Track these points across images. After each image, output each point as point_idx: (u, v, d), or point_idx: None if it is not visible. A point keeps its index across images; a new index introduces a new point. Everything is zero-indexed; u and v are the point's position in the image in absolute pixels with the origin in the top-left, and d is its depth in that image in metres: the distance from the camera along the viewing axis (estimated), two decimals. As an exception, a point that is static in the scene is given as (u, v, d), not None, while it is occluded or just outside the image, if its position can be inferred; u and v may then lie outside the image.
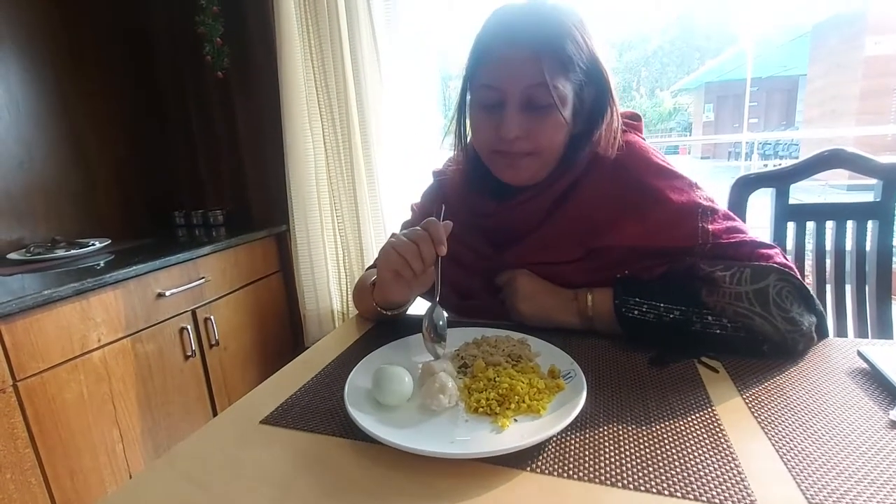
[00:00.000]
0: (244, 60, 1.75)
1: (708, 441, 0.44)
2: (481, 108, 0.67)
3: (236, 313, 1.65)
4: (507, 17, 0.65)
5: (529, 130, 0.64)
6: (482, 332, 0.64)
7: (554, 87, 0.62)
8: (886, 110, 7.53)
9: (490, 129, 0.66)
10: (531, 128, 0.64)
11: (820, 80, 9.45)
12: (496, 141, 0.66)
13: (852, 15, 8.08)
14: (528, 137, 0.64)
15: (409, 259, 0.61)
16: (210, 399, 1.52)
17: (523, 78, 0.62)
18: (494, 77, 0.64)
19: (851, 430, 0.45)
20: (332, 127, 1.70)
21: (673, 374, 0.56)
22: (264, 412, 0.52)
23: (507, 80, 0.63)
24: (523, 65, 0.62)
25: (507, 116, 0.63)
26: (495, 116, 0.65)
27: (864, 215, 0.99)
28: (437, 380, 0.48)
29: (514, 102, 0.63)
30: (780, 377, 0.55)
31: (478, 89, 0.67)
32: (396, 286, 0.66)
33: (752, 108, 15.70)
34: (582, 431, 0.46)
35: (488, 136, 0.67)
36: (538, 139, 0.65)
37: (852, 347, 0.60)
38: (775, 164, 10.80)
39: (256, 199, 1.92)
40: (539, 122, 0.64)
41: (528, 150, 0.66)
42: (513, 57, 0.62)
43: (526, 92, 0.63)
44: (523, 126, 0.64)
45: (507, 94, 0.63)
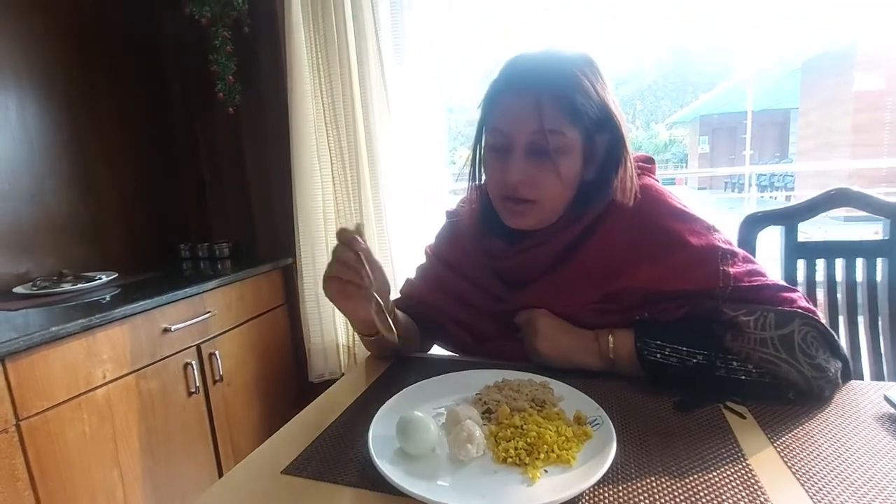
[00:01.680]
0: (255, 97, 1.79)
1: (745, 496, 0.43)
2: (492, 153, 0.70)
3: (241, 348, 1.63)
4: (518, 65, 0.68)
5: (533, 177, 0.65)
6: (503, 375, 0.64)
7: (558, 134, 0.63)
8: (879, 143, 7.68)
9: (498, 174, 0.68)
10: (534, 174, 0.65)
11: (812, 114, 9.68)
12: (503, 186, 0.68)
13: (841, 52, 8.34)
14: (530, 184, 0.66)
15: (340, 273, 0.62)
16: (213, 437, 1.49)
17: (527, 125, 0.64)
18: (502, 123, 0.66)
19: (888, 481, 0.44)
20: (341, 161, 1.73)
21: (699, 419, 0.56)
22: (285, 462, 0.51)
23: (512, 126, 0.65)
24: (527, 113, 0.64)
25: (512, 162, 0.65)
26: (502, 161, 0.67)
27: (873, 253, 1.00)
28: (465, 428, 0.48)
29: (520, 148, 0.65)
30: (809, 423, 0.54)
31: (489, 133, 0.70)
32: (351, 304, 0.67)
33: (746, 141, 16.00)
34: (614, 484, 0.45)
35: (497, 180, 0.69)
36: (539, 187, 0.66)
37: (878, 391, 0.59)
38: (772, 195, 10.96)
39: (263, 232, 1.93)
40: (542, 169, 0.65)
41: (530, 198, 0.67)
42: (519, 105, 0.65)
43: (530, 139, 0.64)
44: (526, 172, 0.65)
45: (512, 139, 0.65)
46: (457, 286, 0.80)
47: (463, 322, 0.79)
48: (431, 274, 0.85)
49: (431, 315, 0.83)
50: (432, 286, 0.84)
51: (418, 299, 0.85)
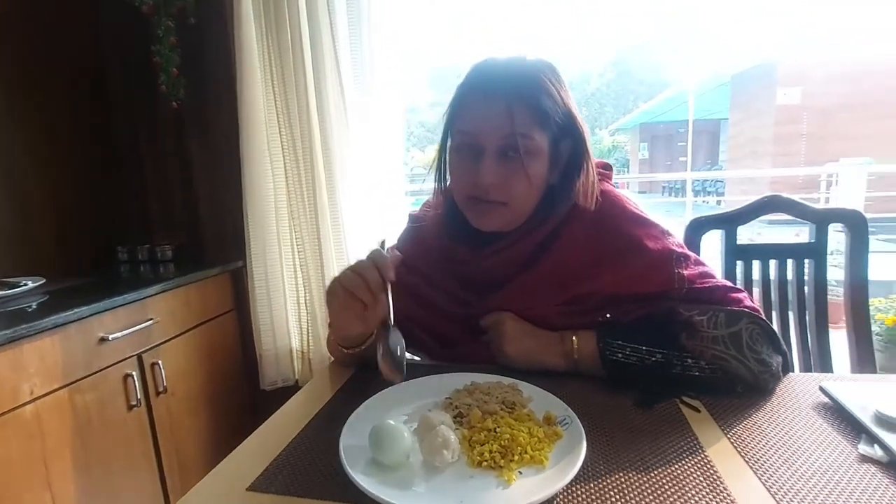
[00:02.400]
0: (201, 92, 1.70)
1: (706, 486, 0.45)
2: (459, 155, 0.70)
3: (186, 356, 1.54)
4: (486, 70, 0.68)
5: (504, 178, 0.66)
6: (471, 378, 0.64)
7: (528, 138, 0.65)
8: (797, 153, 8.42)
9: (467, 175, 0.68)
10: (505, 176, 0.66)
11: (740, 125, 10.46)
12: (472, 187, 0.68)
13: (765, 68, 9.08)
14: (502, 186, 0.66)
15: (356, 290, 0.60)
16: (156, 453, 1.39)
17: (498, 128, 0.65)
18: (472, 125, 0.67)
19: (829, 465, 0.48)
20: (295, 161, 1.67)
21: (659, 415, 0.58)
22: (250, 477, 0.49)
23: (483, 128, 0.66)
24: (498, 116, 0.64)
25: (484, 164, 0.66)
26: (472, 163, 0.67)
27: (802, 254, 1.09)
28: (440, 434, 0.47)
29: (491, 151, 0.66)
30: (757, 414, 0.58)
31: (456, 135, 0.70)
32: (349, 320, 0.65)
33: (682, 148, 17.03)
34: (586, 482, 0.46)
35: (465, 181, 0.69)
36: (510, 189, 0.67)
37: (814, 383, 0.64)
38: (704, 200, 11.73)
39: (210, 234, 1.84)
40: (512, 171, 0.66)
41: (501, 200, 0.68)
42: (488, 108, 0.65)
43: (501, 142, 0.65)
44: (498, 174, 0.66)
45: (483, 141, 0.66)
46: (422, 291, 0.79)
47: (429, 327, 0.79)
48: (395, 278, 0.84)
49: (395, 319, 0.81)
50: (397, 291, 0.83)
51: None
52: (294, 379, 1.83)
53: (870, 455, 0.49)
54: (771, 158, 8.73)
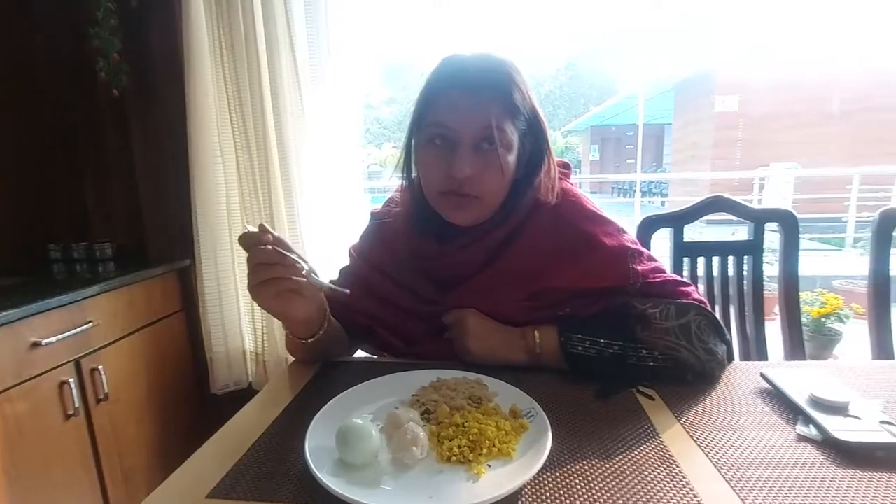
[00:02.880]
0: (145, 80, 1.61)
1: (662, 469, 0.47)
2: (432, 148, 0.68)
3: (130, 361, 1.45)
4: (459, 64, 0.68)
5: (477, 172, 0.66)
6: (437, 375, 0.64)
7: (503, 131, 0.65)
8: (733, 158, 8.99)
9: (440, 168, 0.67)
10: (479, 169, 0.66)
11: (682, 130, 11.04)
12: (446, 180, 0.67)
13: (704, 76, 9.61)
14: (475, 179, 0.66)
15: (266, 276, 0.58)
16: (97, 464, 1.31)
17: (475, 121, 0.65)
18: (448, 117, 0.66)
19: (770, 445, 0.52)
20: (248, 154, 1.60)
21: (617, 404, 0.61)
22: (209, 484, 0.46)
23: (460, 121, 0.65)
24: (476, 109, 0.64)
25: (460, 156, 0.65)
26: (446, 156, 0.66)
27: (741, 251, 1.16)
28: (409, 431, 0.47)
29: (467, 143, 0.65)
30: (705, 400, 0.62)
31: (429, 127, 0.68)
32: (287, 306, 0.62)
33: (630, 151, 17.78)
34: (552, 471, 0.47)
35: (438, 174, 0.68)
36: (484, 182, 0.67)
37: (755, 370, 0.69)
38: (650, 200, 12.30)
39: (155, 230, 1.74)
40: (486, 164, 0.66)
41: (474, 193, 0.67)
42: (466, 100, 0.65)
43: (477, 134, 0.65)
44: (474, 167, 0.65)
45: (459, 134, 0.65)
46: (385, 289, 0.79)
47: (392, 325, 0.78)
48: (357, 276, 0.83)
49: (357, 319, 0.80)
50: (359, 289, 0.81)
51: (344, 302, 0.82)
52: (248, 382, 1.76)
53: (806, 435, 0.53)
54: (710, 162, 9.27)
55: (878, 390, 0.64)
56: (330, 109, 1.65)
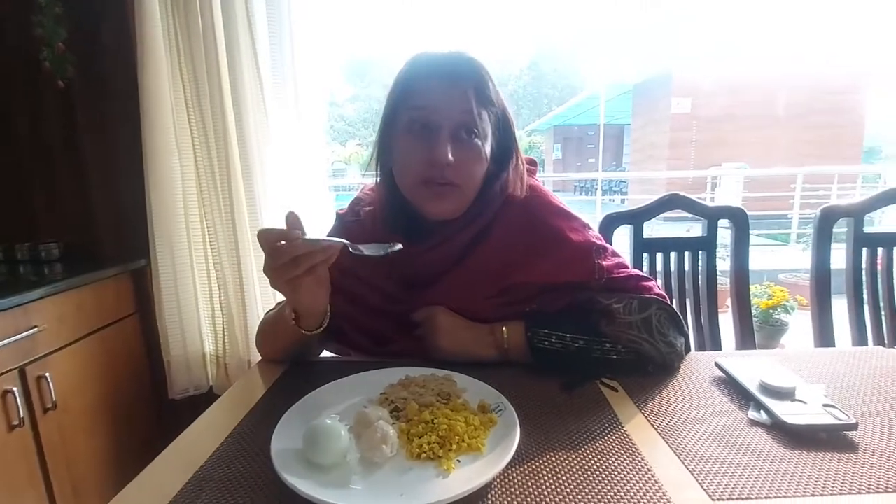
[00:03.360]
0: (94, 71, 1.52)
1: (626, 457, 0.49)
2: (412, 135, 0.68)
3: (80, 367, 1.37)
4: (435, 57, 0.69)
5: (457, 159, 0.66)
6: (405, 372, 0.64)
7: (481, 119, 0.67)
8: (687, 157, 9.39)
9: (420, 155, 0.67)
10: (459, 157, 0.66)
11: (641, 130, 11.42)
12: (427, 168, 0.66)
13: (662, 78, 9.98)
14: (455, 167, 0.66)
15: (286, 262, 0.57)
16: (45, 477, 1.23)
17: (457, 107, 0.65)
18: (430, 101, 0.66)
19: (724, 430, 0.54)
20: (206, 150, 1.54)
21: (583, 396, 0.62)
22: (170, 491, 0.45)
23: (441, 105, 0.66)
24: (456, 95, 0.66)
25: (441, 142, 0.65)
26: (427, 143, 0.66)
27: (697, 247, 1.22)
28: (378, 429, 0.47)
29: (447, 129, 0.66)
30: (665, 390, 0.64)
31: (407, 113, 0.68)
32: (303, 293, 0.63)
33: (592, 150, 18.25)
34: (521, 465, 0.48)
35: (418, 162, 0.67)
36: (464, 169, 0.67)
37: (710, 359, 0.73)
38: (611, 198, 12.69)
39: (106, 229, 1.65)
40: (466, 152, 0.67)
41: (454, 181, 0.67)
42: (447, 87, 0.66)
43: (458, 120, 0.66)
44: (456, 153, 0.66)
45: (441, 119, 0.65)
46: (353, 289, 0.78)
47: (361, 324, 0.78)
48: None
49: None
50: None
51: None
52: (208, 386, 1.70)
53: (756, 419, 0.56)
54: (667, 161, 9.65)
55: (821, 376, 0.68)
56: (293, 106, 1.61)
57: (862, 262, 1.19)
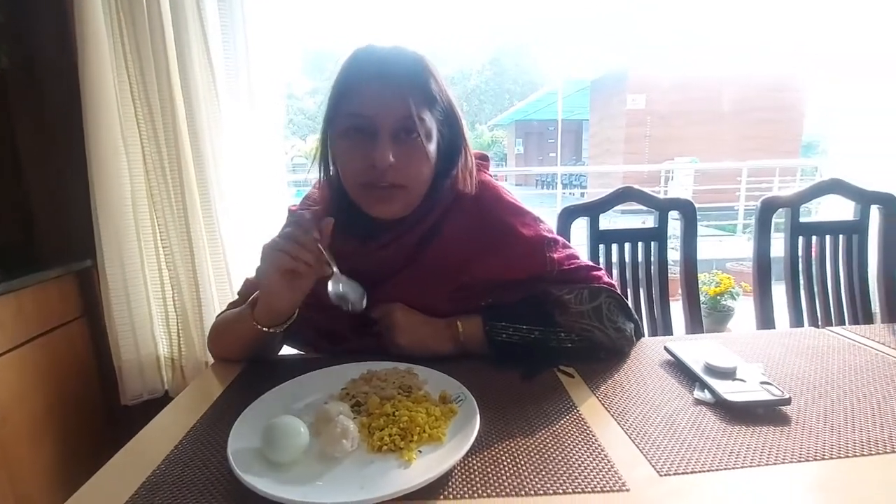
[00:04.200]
0: (29, 59, 1.43)
1: (581, 439, 0.51)
2: (348, 140, 0.67)
3: (21, 376, 1.29)
4: (374, 55, 0.67)
5: (399, 161, 0.64)
6: (367, 367, 0.64)
7: (422, 120, 0.65)
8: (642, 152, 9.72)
9: (360, 160, 0.65)
10: (401, 158, 0.65)
11: (597, 126, 11.72)
12: (367, 171, 0.65)
13: (617, 75, 10.26)
14: (398, 168, 0.65)
15: (299, 253, 0.61)
16: (-19, 494, 1.16)
17: (394, 110, 0.64)
18: (366, 107, 0.64)
19: (672, 409, 0.57)
20: (156, 143, 1.46)
21: (541, 384, 0.65)
22: (121, 497, 0.43)
23: (378, 110, 0.64)
24: (394, 98, 0.64)
25: (381, 145, 0.63)
26: (365, 147, 0.64)
27: (649, 238, 1.27)
28: (339, 424, 0.47)
29: (386, 132, 0.64)
30: (617, 375, 0.67)
31: (344, 118, 0.66)
32: (287, 290, 0.64)
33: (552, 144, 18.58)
34: (480, 452, 0.49)
35: (359, 166, 0.66)
36: (408, 170, 0.66)
37: (659, 344, 0.76)
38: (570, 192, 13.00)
39: (46, 228, 1.56)
40: (408, 153, 0.65)
41: (398, 182, 0.66)
42: (383, 90, 0.64)
43: (396, 123, 0.64)
44: (396, 155, 0.64)
45: (378, 123, 0.64)
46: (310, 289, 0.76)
47: (317, 323, 0.77)
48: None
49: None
50: None
51: None
52: (163, 390, 1.64)
53: (701, 398, 0.59)
54: (623, 156, 9.96)
55: (759, 356, 0.73)
56: (247, 97, 1.55)
57: (798, 250, 1.27)
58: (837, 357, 0.72)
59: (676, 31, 13.60)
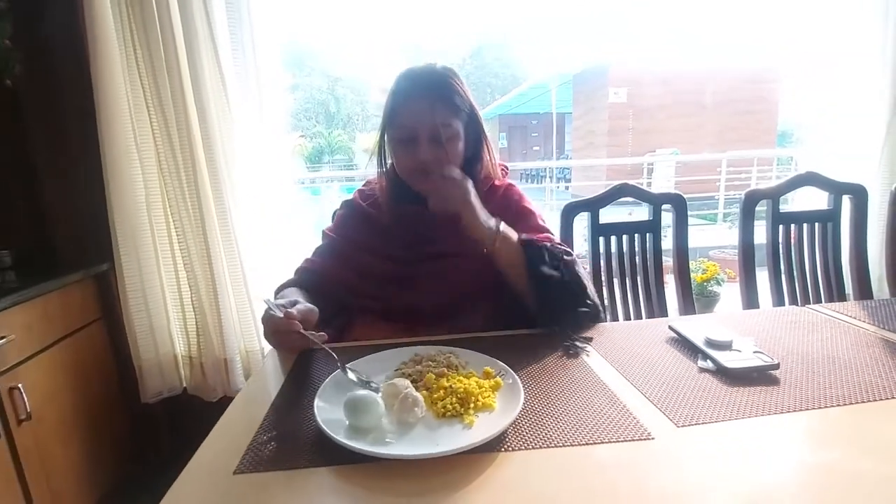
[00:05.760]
0: (43, 67, 1.46)
1: (607, 401, 0.61)
2: (400, 144, 0.90)
3: (51, 376, 1.34)
4: (411, 77, 0.91)
5: (435, 156, 0.87)
6: (413, 351, 0.72)
7: (448, 126, 0.88)
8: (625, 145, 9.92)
9: (408, 158, 0.89)
10: (436, 154, 0.87)
11: (580, 119, 11.89)
12: (413, 164, 0.88)
13: (599, 69, 10.43)
14: (435, 161, 0.86)
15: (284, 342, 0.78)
16: (23, 489, 1.21)
17: (427, 120, 0.86)
18: (407, 119, 0.88)
19: (681, 376, 0.67)
20: (170, 145, 1.49)
21: (563, 357, 0.74)
22: (232, 462, 0.51)
23: (415, 121, 0.87)
24: (425, 112, 0.87)
25: (420, 147, 0.87)
26: (411, 149, 0.88)
27: (644, 230, 1.37)
28: (409, 396, 0.55)
29: (424, 137, 0.87)
30: (630, 349, 0.77)
31: (395, 129, 0.90)
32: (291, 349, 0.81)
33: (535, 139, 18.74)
34: (526, 414, 0.58)
35: (407, 162, 0.90)
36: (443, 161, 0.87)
37: (664, 324, 0.86)
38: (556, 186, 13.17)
39: (64, 234, 1.60)
40: (441, 149, 0.87)
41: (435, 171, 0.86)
42: (417, 106, 0.88)
43: (430, 131, 0.87)
44: (431, 153, 0.87)
45: (417, 131, 0.87)
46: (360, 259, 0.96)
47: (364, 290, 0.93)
48: (335, 251, 0.99)
49: (335, 290, 0.94)
50: (337, 260, 0.98)
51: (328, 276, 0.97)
52: (181, 387, 1.70)
53: (705, 367, 0.69)
54: (606, 149, 10.15)
55: (750, 331, 0.83)
56: (256, 95, 1.59)
57: (779, 237, 1.39)
58: (817, 330, 0.83)
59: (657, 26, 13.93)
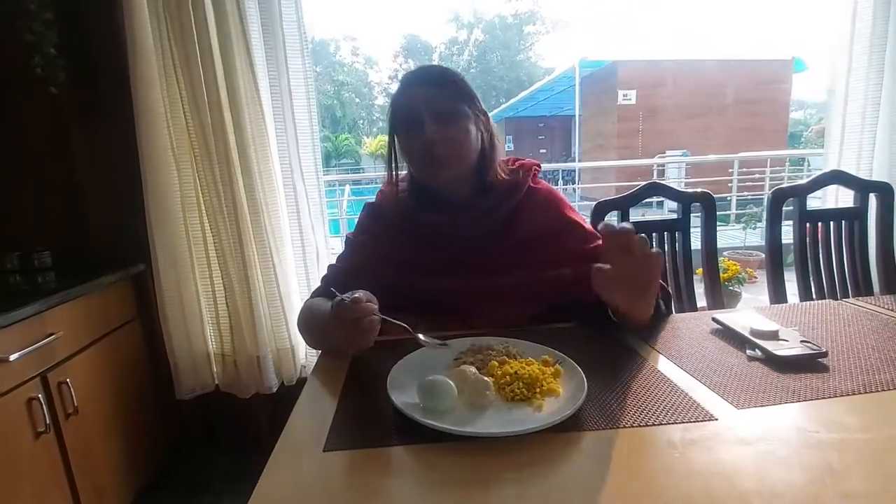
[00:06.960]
0: (85, 75, 1.51)
1: (666, 387, 0.63)
2: (408, 134, 0.88)
3: (94, 373, 1.38)
4: (412, 72, 0.92)
5: (443, 132, 0.85)
6: (470, 342, 0.75)
7: (452, 103, 0.86)
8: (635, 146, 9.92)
9: (416, 142, 0.86)
10: (445, 132, 0.85)
11: (589, 121, 11.90)
12: (422, 148, 0.85)
13: (607, 72, 10.44)
14: (444, 139, 0.85)
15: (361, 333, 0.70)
16: (69, 482, 1.24)
17: (431, 98, 0.85)
18: (411, 101, 0.87)
19: (732, 365, 0.69)
20: (206, 149, 1.54)
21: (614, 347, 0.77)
22: (319, 441, 0.54)
23: (419, 101, 0.86)
24: (429, 90, 0.86)
25: (427, 126, 0.84)
26: (418, 134, 0.85)
27: (673, 228, 1.39)
28: (479, 381, 0.58)
29: (430, 117, 0.84)
30: (679, 342, 0.79)
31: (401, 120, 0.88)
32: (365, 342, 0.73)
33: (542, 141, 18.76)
34: (592, 399, 0.61)
35: (416, 147, 0.87)
36: (451, 142, 0.86)
37: (706, 317, 0.88)
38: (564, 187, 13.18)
39: (101, 235, 1.64)
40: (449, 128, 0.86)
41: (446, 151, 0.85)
42: (421, 86, 0.88)
43: (435, 109, 0.85)
44: (438, 132, 0.84)
45: (420, 113, 0.85)
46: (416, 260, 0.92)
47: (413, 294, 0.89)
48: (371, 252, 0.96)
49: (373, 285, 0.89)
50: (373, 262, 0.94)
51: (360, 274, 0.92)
52: (214, 384, 1.73)
53: (753, 356, 0.72)
54: (616, 151, 10.16)
55: (792, 322, 0.85)
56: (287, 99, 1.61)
57: (806, 235, 1.41)
58: (857, 322, 0.84)
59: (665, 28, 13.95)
